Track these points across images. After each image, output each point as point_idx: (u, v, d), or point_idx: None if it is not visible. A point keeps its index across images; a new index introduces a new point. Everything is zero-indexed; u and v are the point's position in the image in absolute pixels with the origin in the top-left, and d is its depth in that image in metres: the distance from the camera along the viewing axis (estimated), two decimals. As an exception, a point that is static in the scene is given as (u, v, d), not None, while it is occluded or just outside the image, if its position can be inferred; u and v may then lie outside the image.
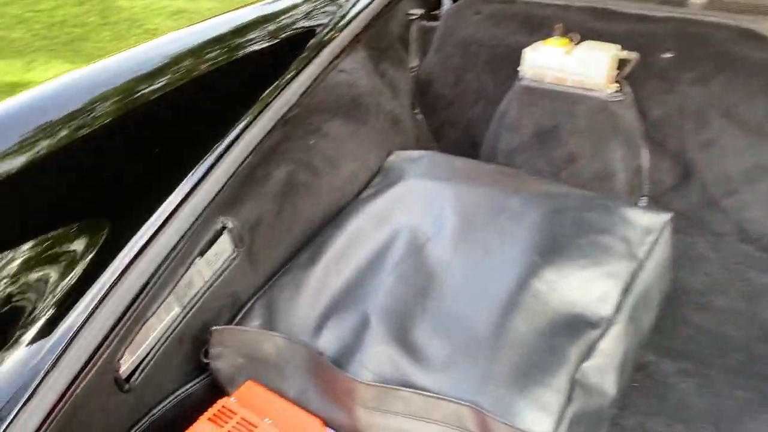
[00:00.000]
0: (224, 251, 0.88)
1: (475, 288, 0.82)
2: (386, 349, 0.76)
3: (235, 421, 0.75)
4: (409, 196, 0.96)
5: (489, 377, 0.72)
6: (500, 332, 0.76)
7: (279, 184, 0.93)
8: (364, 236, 0.93)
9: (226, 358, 0.84)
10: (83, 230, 0.79)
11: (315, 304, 0.86)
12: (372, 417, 0.73)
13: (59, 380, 0.66)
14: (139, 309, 0.75)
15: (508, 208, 0.91)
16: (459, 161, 1.03)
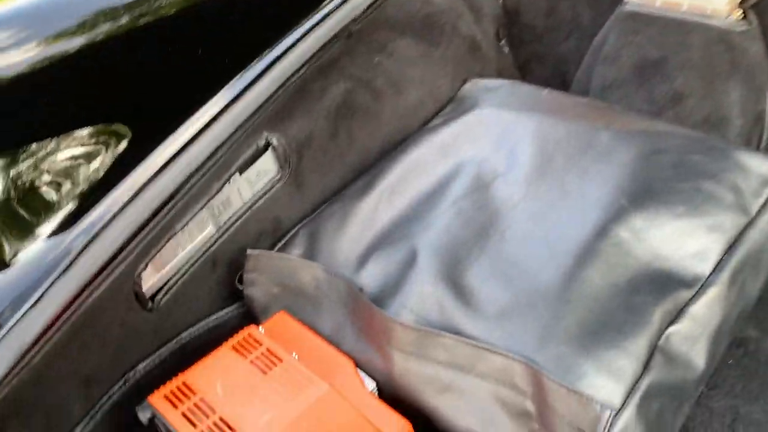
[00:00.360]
0: (267, 171, 0.80)
1: (546, 232, 0.70)
2: (433, 290, 0.66)
3: (259, 352, 0.68)
4: (481, 127, 0.85)
5: (551, 332, 0.61)
6: (570, 283, 0.64)
7: (334, 102, 0.84)
8: (425, 167, 0.82)
9: (260, 285, 0.77)
10: (117, 128, 0.73)
11: (361, 236, 0.77)
12: (409, 363, 0.64)
13: (70, 283, 0.61)
14: (166, 220, 0.68)
15: (595, 145, 0.78)
16: (544, 92, 0.90)
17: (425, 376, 0.63)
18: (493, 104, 0.88)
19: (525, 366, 0.59)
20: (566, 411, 0.56)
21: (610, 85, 0.98)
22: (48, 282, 0.60)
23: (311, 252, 0.78)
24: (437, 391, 0.63)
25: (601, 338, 0.60)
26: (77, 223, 0.64)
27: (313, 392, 0.63)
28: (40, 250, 0.64)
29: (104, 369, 0.68)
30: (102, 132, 0.73)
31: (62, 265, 0.61)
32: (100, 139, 0.73)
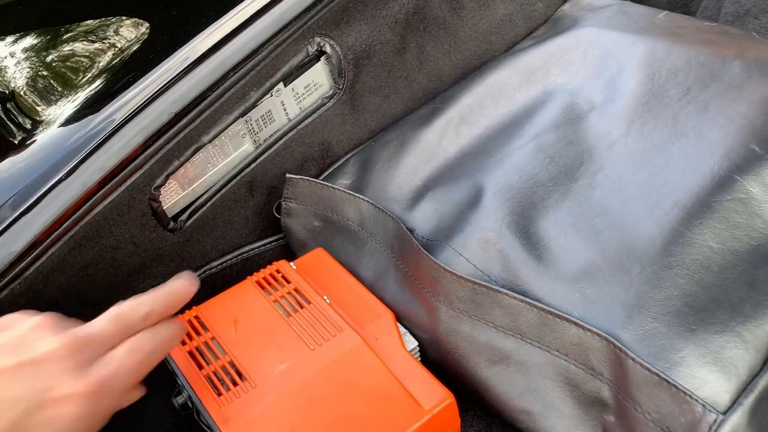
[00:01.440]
0: (318, 85, 0.68)
1: (649, 178, 0.55)
2: (498, 238, 0.54)
3: (285, 291, 0.58)
4: (578, 50, 0.69)
5: (643, 303, 0.48)
6: (674, 245, 0.50)
7: (403, 10, 0.70)
8: (503, 94, 0.68)
9: (299, 216, 0.66)
10: (144, 17, 0.64)
11: (419, 169, 0.65)
12: (458, 323, 0.52)
13: (73, 187, 0.53)
14: (191, 128, 0.58)
15: (722, 77, 0.61)
16: (662, 14, 0.73)
17: (477, 341, 0.51)
18: (595, 24, 0.72)
19: (605, 342, 0.46)
20: (654, 406, 0.43)
21: (747, 11, 0.79)
22: (48, 183, 0.52)
23: (360, 184, 0.67)
24: (490, 361, 0.51)
25: (710, 318, 0.46)
26: (86, 118, 0.55)
27: (342, 343, 0.53)
28: (48, 140, 0.56)
29: (115, 293, 0.60)
30: (128, 20, 0.64)
31: (65, 168, 0.53)
32: (124, 29, 0.63)
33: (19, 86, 0.63)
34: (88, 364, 0.41)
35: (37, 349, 0.40)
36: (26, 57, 0.65)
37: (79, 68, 0.62)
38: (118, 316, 0.44)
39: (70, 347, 0.41)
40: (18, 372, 0.39)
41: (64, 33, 0.65)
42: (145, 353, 0.44)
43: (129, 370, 0.43)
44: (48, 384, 0.40)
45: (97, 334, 0.42)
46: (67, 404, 0.40)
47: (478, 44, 0.77)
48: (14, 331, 0.41)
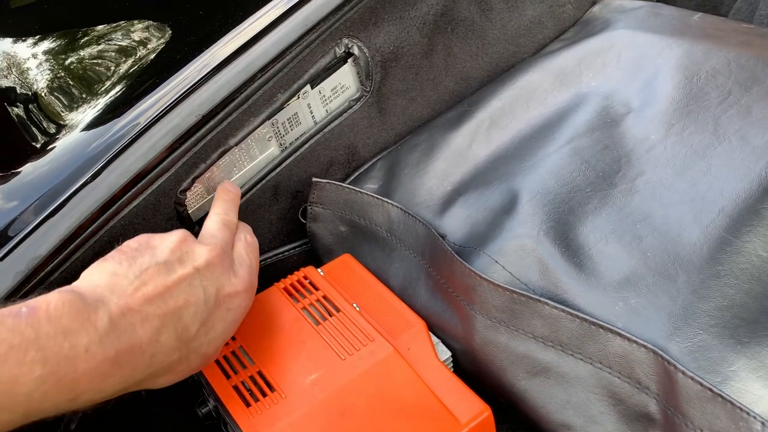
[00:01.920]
0: (345, 87, 0.67)
1: (691, 183, 0.54)
2: (535, 245, 0.52)
3: (314, 298, 0.56)
4: (612, 52, 0.68)
5: (691, 314, 0.46)
6: (721, 252, 0.48)
7: (432, 11, 0.69)
8: (535, 97, 0.67)
9: (325, 221, 0.65)
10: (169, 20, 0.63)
11: (449, 173, 0.63)
12: (495, 333, 0.50)
13: (98, 191, 0.51)
14: (218, 131, 0.57)
15: (764, 79, 0.59)
16: (696, 16, 0.71)
17: (515, 353, 0.49)
18: (628, 26, 0.71)
19: (652, 354, 0.44)
20: (707, 423, 0.41)
21: (784, 13, 0.77)
22: (73, 186, 0.51)
23: (388, 188, 0.65)
24: (529, 373, 0.49)
25: (761, 330, 0.44)
26: (112, 121, 0.54)
27: (373, 353, 0.51)
28: (73, 143, 0.55)
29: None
30: (154, 22, 0.63)
31: (90, 171, 0.52)
32: (150, 30, 0.62)
33: (43, 89, 0.62)
34: (233, 265, 0.49)
35: (198, 259, 0.46)
36: (50, 59, 0.64)
37: (104, 71, 0.61)
38: (225, 223, 0.52)
39: (220, 254, 0.48)
40: (194, 278, 0.45)
41: (88, 34, 0.64)
42: (254, 248, 0.53)
43: (255, 263, 0.52)
44: (219, 283, 0.47)
45: (226, 241, 0.50)
46: (235, 299, 0.48)
47: (506, 46, 0.76)
48: (165, 247, 0.46)
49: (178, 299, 0.44)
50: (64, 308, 0.39)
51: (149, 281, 0.43)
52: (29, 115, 0.63)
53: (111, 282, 0.43)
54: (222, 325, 0.47)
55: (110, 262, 0.44)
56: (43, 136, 0.59)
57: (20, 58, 0.67)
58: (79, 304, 0.39)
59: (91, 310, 0.40)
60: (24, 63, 0.65)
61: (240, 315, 0.49)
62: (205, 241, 0.49)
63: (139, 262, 0.44)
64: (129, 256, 0.45)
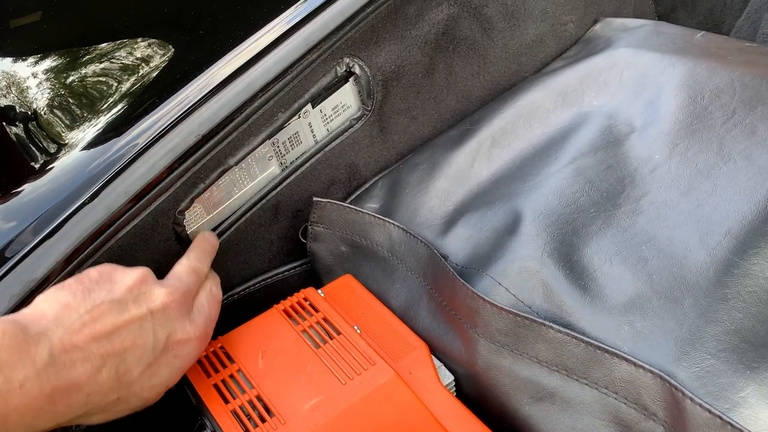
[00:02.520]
0: (346, 106, 0.66)
1: (697, 204, 0.53)
2: (539, 267, 0.51)
3: (314, 320, 0.55)
4: (614, 70, 0.67)
5: (698, 338, 0.45)
6: (728, 275, 0.47)
7: (433, 29, 0.69)
8: (537, 116, 0.66)
9: (326, 241, 0.64)
10: (170, 38, 0.62)
11: (451, 193, 0.62)
12: (497, 357, 0.49)
13: (96, 212, 0.51)
14: (218, 150, 0.56)
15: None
16: (699, 34, 0.71)
17: (519, 377, 0.48)
18: (631, 44, 0.70)
19: (659, 379, 0.43)
20: (716, 451, 0.40)
21: (786, 31, 0.77)
22: (70, 208, 0.51)
23: (389, 207, 0.64)
24: (533, 399, 0.48)
25: (770, 354, 0.43)
26: (110, 141, 0.54)
27: (375, 378, 0.50)
28: (72, 163, 0.54)
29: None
30: (154, 42, 0.62)
31: (88, 192, 0.51)
32: (150, 50, 0.62)
33: (42, 108, 0.61)
34: (190, 312, 0.49)
35: (155, 300, 0.46)
36: (49, 78, 0.64)
37: (104, 90, 0.60)
38: (193, 269, 0.51)
39: (179, 298, 0.47)
40: (146, 320, 0.44)
41: (88, 54, 0.64)
42: (217, 300, 0.52)
43: (214, 315, 0.51)
44: (171, 328, 0.46)
45: (190, 287, 0.50)
46: (185, 346, 0.47)
47: (507, 65, 0.75)
48: (124, 284, 0.45)
49: (126, 340, 0.43)
50: (3, 340, 0.38)
51: (99, 318, 0.42)
52: (28, 134, 0.62)
53: (59, 314, 0.41)
54: (167, 371, 0.46)
55: (65, 291, 0.43)
56: (42, 156, 0.59)
57: (20, 77, 0.67)
58: (20, 336, 0.38)
59: (32, 343, 0.39)
60: (23, 82, 0.65)
61: (187, 363, 0.48)
62: (168, 283, 0.48)
63: (93, 296, 0.43)
64: (85, 287, 0.44)
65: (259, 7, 0.63)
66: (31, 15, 0.69)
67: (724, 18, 0.91)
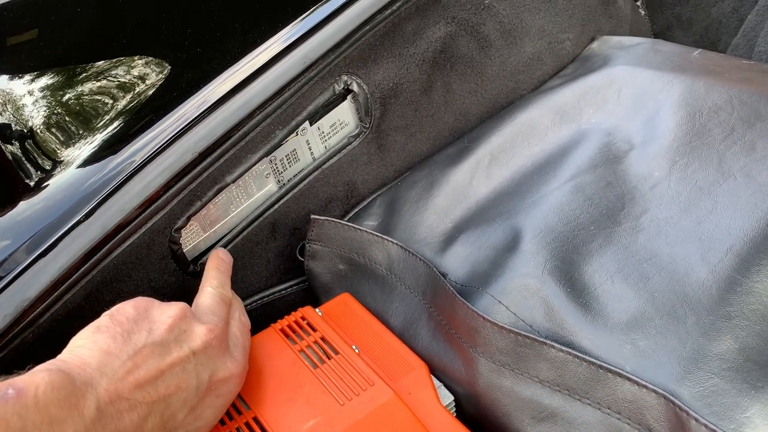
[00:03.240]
0: (344, 123, 0.66)
1: (697, 221, 0.53)
2: (539, 285, 0.51)
3: (312, 340, 0.55)
4: (612, 88, 0.67)
5: (701, 357, 0.44)
6: (731, 293, 0.47)
7: (431, 48, 0.69)
8: (536, 133, 0.66)
9: (324, 260, 0.64)
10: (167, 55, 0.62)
11: (449, 210, 0.62)
12: (498, 377, 0.48)
13: (91, 230, 0.50)
14: (215, 167, 0.56)
15: (767, 117, 0.59)
16: (696, 52, 0.71)
17: (520, 397, 0.47)
18: (628, 62, 0.70)
19: (663, 399, 0.42)
20: (723, 473, 0.39)
21: (782, 49, 0.77)
22: (65, 226, 0.50)
23: (388, 225, 0.64)
24: (534, 419, 0.47)
25: (775, 373, 0.43)
26: (107, 158, 0.53)
27: (374, 398, 0.49)
28: (67, 181, 0.54)
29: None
30: (152, 59, 0.62)
31: (83, 210, 0.51)
32: (148, 67, 0.62)
33: (38, 126, 0.61)
34: (228, 346, 0.48)
35: (196, 340, 0.45)
36: (45, 96, 0.63)
37: (100, 108, 0.60)
38: (221, 299, 0.50)
39: (219, 335, 0.46)
40: (189, 362, 0.44)
41: (85, 71, 0.64)
42: (247, 328, 0.52)
43: (248, 345, 0.51)
44: (213, 367, 0.45)
45: (224, 319, 0.49)
46: (227, 384, 0.47)
47: (505, 83, 0.76)
48: (164, 323, 0.44)
49: (170, 385, 0.42)
50: (53, 393, 0.36)
51: (142, 364, 0.41)
52: (24, 151, 0.62)
53: (102, 361, 0.40)
54: (210, 412, 0.46)
55: (104, 335, 0.42)
56: (38, 174, 0.58)
57: (16, 95, 0.67)
58: (68, 388, 0.37)
59: (79, 396, 0.38)
60: (20, 99, 0.65)
61: (229, 401, 0.48)
62: (205, 318, 0.47)
63: (134, 340, 0.42)
64: (124, 329, 0.42)
65: (256, 24, 0.63)
66: (28, 33, 0.69)
67: (720, 36, 0.91)
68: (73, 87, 0.63)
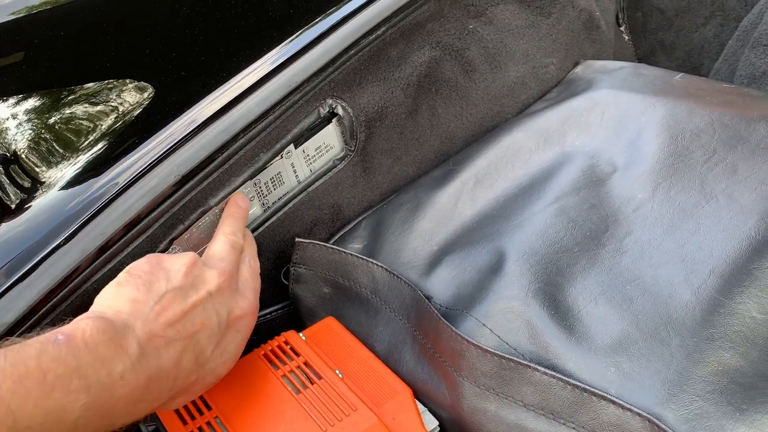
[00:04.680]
0: (329, 146, 0.66)
1: (680, 243, 0.53)
2: (524, 307, 0.50)
3: (295, 365, 0.54)
4: (596, 111, 0.68)
5: (686, 379, 0.44)
6: (714, 315, 0.47)
7: (416, 72, 0.69)
8: (520, 156, 0.66)
9: (308, 283, 0.63)
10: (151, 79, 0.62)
11: (434, 233, 0.62)
12: (482, 401, 0.48)
13: (70, 255, 0.49)
14: (198, 191, 0.56)
15: (748, 138, 0.59)
16: (678, 76, 0.72)
17: (505, 421, 0.47)
18: (611, 86, 0.71)
19: (648, 423, 0.42)
20: (709, 497, 0.39)
21: (764, 74, 0.78)
22: (45, 249, 0.49)
23: (373, 248, 0.64)
24: (519, 444, 0.47)
25: (759, 396, 0.42)
26: (88, 181, 0.53)
27: (357, 424, 0.49)
28: (49, 204, 0.54)
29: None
30: (135, 82, 0.62)
31: (64, 233, 0.50)
32: (129, 91, 0.62)
33: (20, 148, 0.61)
34: (238, 288, 0.51)
35: (210, 283, 0.48)
36: (28, 118, 0.63)
37: (83, 130, 0.60)
38: (232, 245, 0.53)
39: (228, 278, 0.49)
40: (207, 302, 0.47)
41: (68, 94, 0.64)
42: (257, 271, 0.55)
43: (258, 285, 0.54)
44: (229, 307, 0.49)
45: (233, 264, 0.52)
46: (243, 320, 0.50)
47: (490, 106, 0.76)
48: (178, 271, 0.47)
49: (195, 323, 0.46)
50: (99, 336, 0.39)
51: (168, 307, 0.45)
52: (7, 173, 0.61)
53: (133, 308, 0.43)
54: (233, 346, 0.49)
55: (127, 287, 0.45)
56: (19, 196, 0.58)
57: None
58: (111, 330, 0.40)
59: (121, 337, 0.41)
60: (2, 122, 0.65)
61: (247, 335, 0.51)
62: (214, 264, 0.50)
63: (156, 288, 0.45)
64: (144, 280, 0.45)
65: (241, 47, 0.63)
66: (12, 56, 0.69)
67: (702, 61, 0.93)
68: (57, 109, 0.62)
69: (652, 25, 0.97)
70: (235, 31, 0.66)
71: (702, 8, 0.92)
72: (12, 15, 0.71)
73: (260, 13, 0.67)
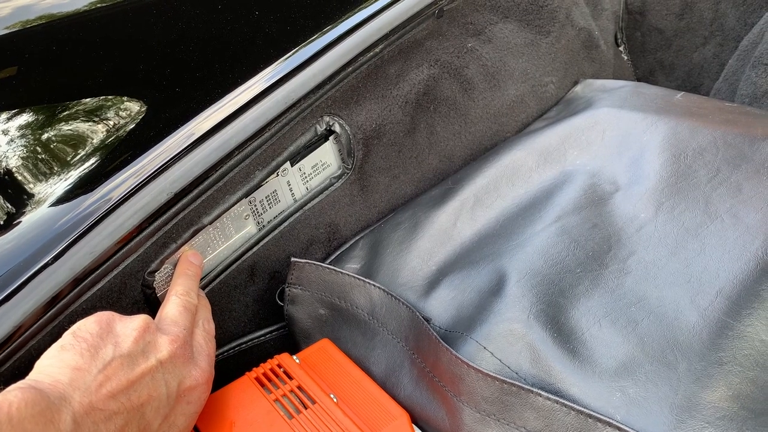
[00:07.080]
0: (326, 164, 0.65)
1: (685, 264, 0.51)
2: (525, 330, 0.49)
3: (288, 389, 0.52)
4: (596, 130, 0.67)
5: (694, 404, 0.42)
6: (722, 337, 0.45)
7: (414, 89, 0.68)
8: (520, 175, 0.65)
9: (304, 304, 0.62)
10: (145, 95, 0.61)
11: (433, 253, 0.60)
12: (482, 427, 0.46)
13: (58, 274, 0.48)
14: (191, 209, 0.54)
15: (752, 157, 0.58)
16: (679, 95, 0.71)
17: (506, 449, 0.45)
18: (612, 104, 0.70)
19: (656, 452, 0.40)
20: None
21: (765, 93, 0.77)
22: (33, 268, 0.48)
23: (370, 268, 0.62)
24: (522, 472, 0.45)
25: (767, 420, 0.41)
26: (78, 198, 0.52)
27: (352, 451, 0.47)
28: (38, 221, 0.52)
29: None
30: (129, 98, 0.61)
31: (52, 252, 0.49)
32: (123, 107, 0.61)
33: (12, 164, 0.59)
34: (193, 355, 0.48)
35: (161, 350, 0.45)
36: (23, 134, 0.62)
37: (76, 146, 0.59)
38: (186, 307, 0.50)
39: (181, 344, 0.47)
40: (157, 371, 0.44)
41: (63, 109, 0.63)
42: (211, 335, 0.51)
43: (213, 352, 0.50)
44: (180, 376, 0.46)
45: (187, 328, 0.49)
46: (195, 391, 0.47)
47: (489, 125, 0.75)
48: (128, 336, 0.44)
49: (142, 394, 0.43)
50: (26, 410, 0.36)
51: (113, 376, 0.42)
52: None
53: (72, 377, 0.40)
54: (183, 419, 0.46)
55: (70, 352, 0.42)
56: (8, 213, 0.56)
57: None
58: (42, 404, 0.37)
59: (54, 411, 0.38)
60: (-6, 139, 0.63)
61: (200, 407, 0.48)
62: (167, 329, 0.47)
63: (101, 354, 0.42)
64: (90, 345, 0.42)
65: (237, 64, 0.63)
66: (4, 70, 0.68)
67: (702, 81, 0.92)
68: (49, 124, 0.61)
69: (651, 45, 0.97)
70: (230, 47, 0.65)
71: (701, 28, 0.92)
72: (6, 29, 0.71)
73: (256, 29, 0.67)
